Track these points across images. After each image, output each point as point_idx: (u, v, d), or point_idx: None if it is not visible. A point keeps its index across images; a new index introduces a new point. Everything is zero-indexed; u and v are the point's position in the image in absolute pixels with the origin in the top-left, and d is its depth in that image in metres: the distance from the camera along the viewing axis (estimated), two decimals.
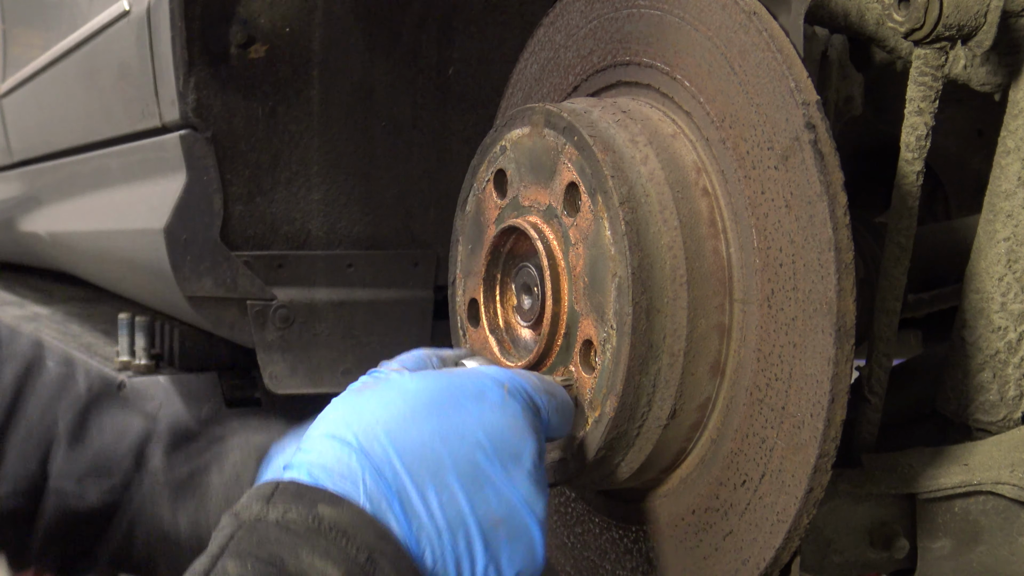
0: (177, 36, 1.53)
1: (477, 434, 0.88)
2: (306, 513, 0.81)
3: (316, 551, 0.79)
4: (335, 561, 0.79)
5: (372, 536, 0.81)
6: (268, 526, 0.81)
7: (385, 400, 0.88)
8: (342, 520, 0.81)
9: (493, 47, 1.69)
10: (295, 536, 0.80)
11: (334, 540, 0.80)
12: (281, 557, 0.79)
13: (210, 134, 1.59)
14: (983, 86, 1.15)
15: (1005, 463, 1.11)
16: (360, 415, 0.88)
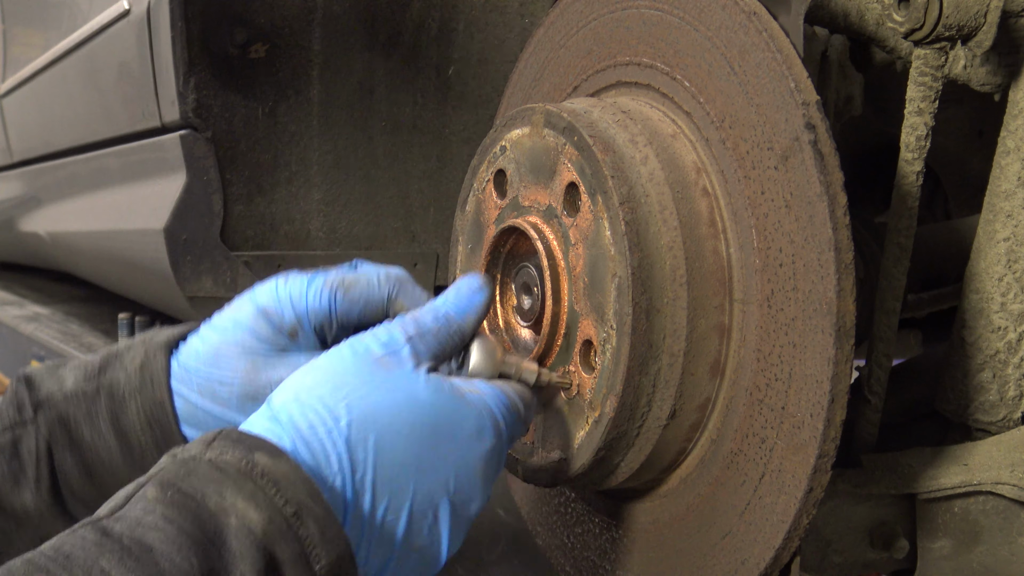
0: (177, 36, 1.53)
1: (450, 476, 0.88)
2: (240, 457, 0.80)
3: (241, 492, 0.78)
4: (259, 506, 0.78)
5: (304, 494, 0.80)
6: (199, 463, 0.80)
7: (392, 402, 0.87)
8: (277, 471, 0.80)
9: (493, 47, 1.69)
10: (223, 475, 0.79)
11: (263, 487, 0.79)
12: (204, 492, 0.78)
13: (210, 134, 1.59)
14: (983, 86, 1.15)
15: (1005, 463, 1.11)
16: (363, 402, 0.87)
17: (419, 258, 1.77)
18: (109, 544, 0.73)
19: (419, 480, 0.87)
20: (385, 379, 0.89)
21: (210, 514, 0.76)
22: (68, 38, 2.19)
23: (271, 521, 0.77)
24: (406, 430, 0.87)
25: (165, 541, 0.74)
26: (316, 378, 0.88)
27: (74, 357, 1.11)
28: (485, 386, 0.94)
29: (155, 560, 0.72)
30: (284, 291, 1.01)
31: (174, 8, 1.52)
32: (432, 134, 1.71)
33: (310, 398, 0.86)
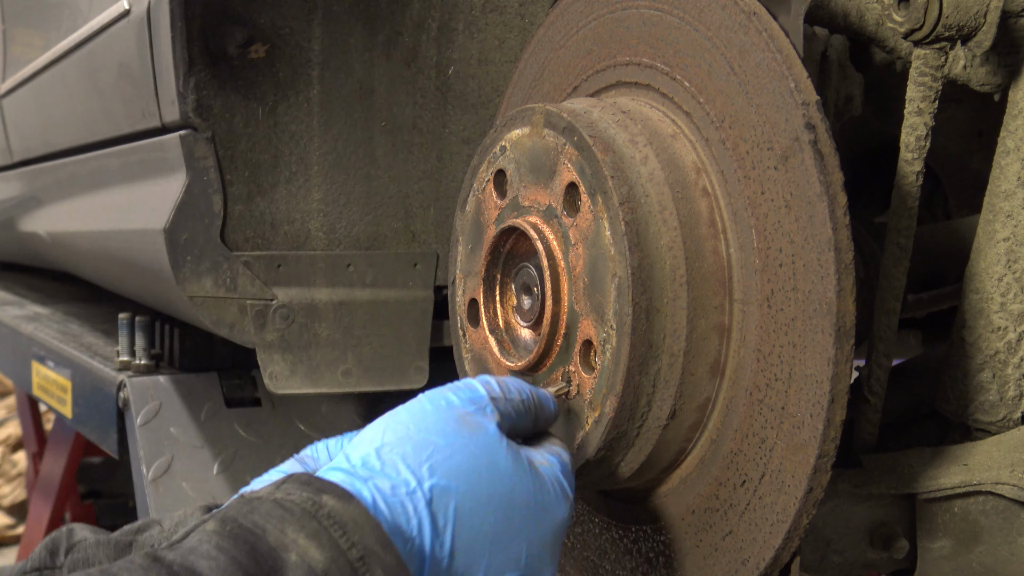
0: (177, 36, 1.53)
1: (522, 550, 0.87)
2: (307, 497, 0.77)
3: (304, 530, 0.75)
4: (321, 545, 0.74)
5: (373, 540, 0.77)
6: (264, 502, 0.77)
7: (474, 468, 0.85)
8: (344, 514, 0.77)
9: (493, 47, 1.68)
10: (287, 512, 0.76)
11: (328, 527, 0.76)
12: (264, 527, 0.75)
13: (210, 134, 1.59)
14: (983, 86, 1.15)
15: (1005, 463, 1.11)
16: (445, 465, 0.84)
17: (419, 258, 1.76)
18: (156, 568, 0.70)
19: (493, 552, 0.85)
20: (468, 441, 0.87)
21: (269, 548, 0.74)
22: (68, 38, 2.19)
23: (334, 561, 0.74)
24: (484, 499, 0.85)
25: (215, 569, 0.71)
26: (398, 434, 0.86)
27: None
28: (552, 456, 0.92)
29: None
30: None
31: (174, 8, 1.52)
32: (432, 134, 1.71)
33: (392, 456, 0.84)
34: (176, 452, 1.89)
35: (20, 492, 5.34)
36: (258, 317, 1.67)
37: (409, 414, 0.88)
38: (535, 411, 0.95)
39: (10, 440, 5.45)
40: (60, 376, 2.43)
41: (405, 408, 0.89)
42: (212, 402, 1.94)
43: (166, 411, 1.91)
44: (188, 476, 1.89)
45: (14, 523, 5.28)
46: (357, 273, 1.73)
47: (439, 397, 0.90)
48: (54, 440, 3.84)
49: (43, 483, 3.83)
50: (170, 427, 1.91)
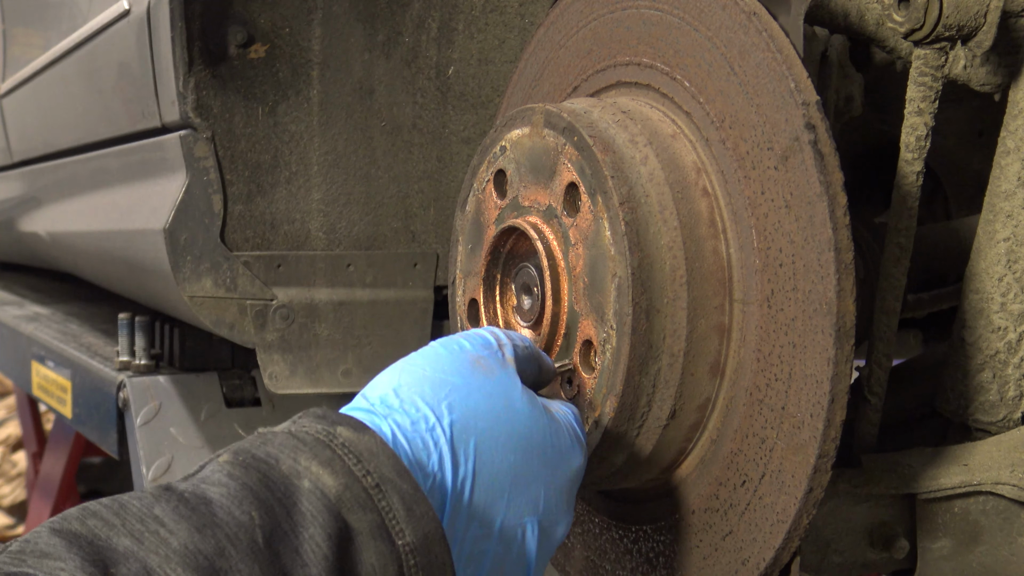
0: (177, 36, 1.53)
1: (540, 494, 0.86)
2: (321, 428, 0.76)
3: (317, 458, 0.73)
4: (335, 472, 0.73)
5: (389, 469, 0.75)
6: (278, 435, 0.76)
7: (491, 408, 0.85)
8: (359, 443, 0.76)
9: (493, 47, 1.69)
10: (300, 442, 0.75)
11: (342, 455, 0.74)
12: (277, 456, 0.73)
13: (210, 134, 1.59)
14: (983, 86, 1.15)
15: (1005, 463, 1.11)
16: (464, 403, 0.84)
17: (419, 258, 1.77)
18: (167, 496, 0.69)
19: (511, 494, 0.84)
20: (484, 382, 0.86)
21: (281, 475, 0.72)
22: (68, 38, 2.19)
23: (348, 488, 0.73)
24: (503, 439, 0.84)
25: (226, 495, 0.70)
26: (414, 375, 0.85)
27: None
28: (563, 405, 0.93)
29: (212, 511, 0.68)
30: None
31: (174, 8, 1.52)
32: (432, 134, 1.71)
33: (410, 394, 0.84)
34: (176, 452, 1.89)
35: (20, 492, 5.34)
36: (258, 317, 1.67)
37: (423, 358, 0.88)
38: (538, 361, 0.96)
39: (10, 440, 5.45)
40: (60, 376, 2.43)
41: (419, 353, 0.89)
42: (212, 402, 1.94)
43: (166, 411, 1.91)
44: None
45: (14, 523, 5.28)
46: (357, 273, 1.73)
47: (451, 342, 0.90)
48: (54, 440, 3.84)
49: (43, 483, 3.83)
50: (170, 427, 1.91)
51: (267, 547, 0.68)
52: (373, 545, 0.72)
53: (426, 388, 0.84)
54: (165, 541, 0.66)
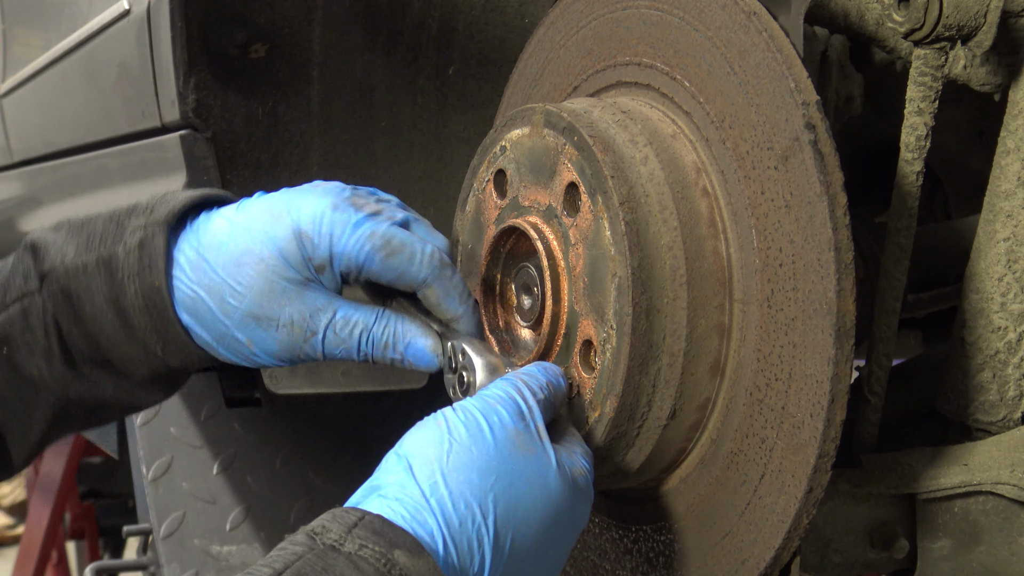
0: (177, 36, 1.53)
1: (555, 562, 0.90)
2: (381, 554, 0.78)
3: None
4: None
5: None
6: (339, 557, 0.78)
7: (530, 496, 0.87)
8: (413, 572, 0.79)
9: (493, 47, 1.68)
10: (360, 574, 0.77)
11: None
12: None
13: (210, 134, 1.59)
14: (983, 86, 1.15)
15: (1005, 463, 1.11)
16: (507, 494, 0.86)
17: None
18: None
19: (531, 567, 0.88)
20: (524, 467, 0.88)
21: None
22: (68, 38, 2.19)
23: None
24: (536, 525, 0.87)
25: None
26: (462, 458, 0.86)
27: (79, 215, 1.07)
28: (583, 459, 0.94)
29: None
30: (327, 226, 0.97)
31: (174, 8, 1.52)
32: (432, 134, 1.71)
33: (458, 483, 0.85)
34: (176, 452, 1.89)
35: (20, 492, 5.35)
36: None
37: (469, 433, 0.88)
38: (554, 397, 0.96)
39: None
40: None
41: (462, 423, 0.88)
42: (212, 402, 1.94)
43: (166, 411, 1.91)
44: (188, 476, 1.90)
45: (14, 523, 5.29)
46: None
47: (492, 413, 0.89)
48: None
49: (43, 483, 3.83)
50: (170, 427, 1.91)
51: None
52: None
53: (474, 475, 0.86)
54: None
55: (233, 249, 0.98)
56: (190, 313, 1.00)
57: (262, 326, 0.99)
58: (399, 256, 0.98)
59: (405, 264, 0.99)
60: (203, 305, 1.00)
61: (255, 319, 0.99)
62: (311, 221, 0.98)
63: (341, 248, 0.97)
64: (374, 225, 0.98)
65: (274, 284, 0.98)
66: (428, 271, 0.99)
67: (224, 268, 0.99)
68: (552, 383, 0.96)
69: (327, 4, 1.59)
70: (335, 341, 1.00)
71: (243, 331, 0.99)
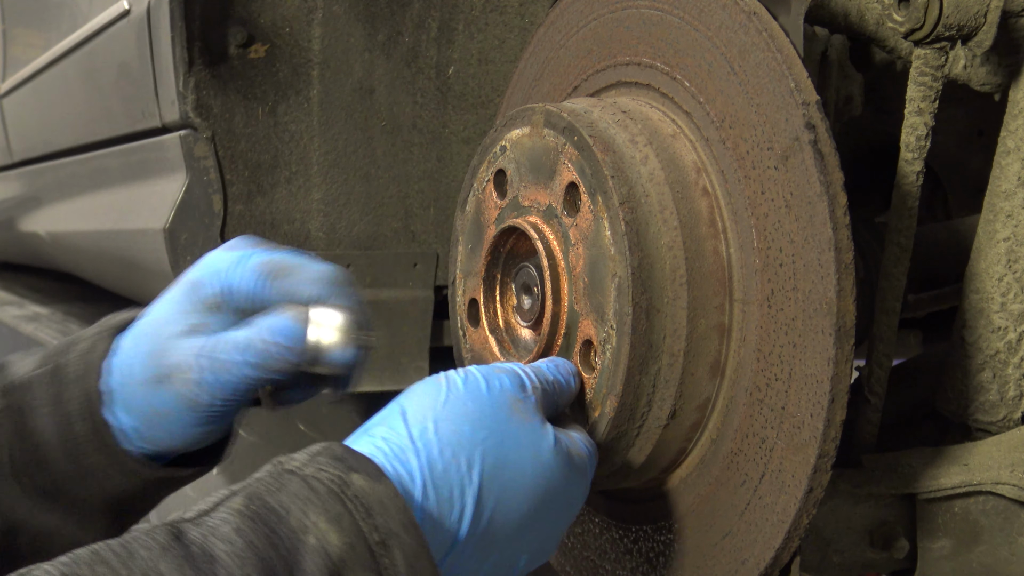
0: (177, 36, 1.53)
1: (543, 539, 0.89)
2: (337, 477, 0.77)
3: (327, 513, 0.75)
4: (342, 529, 0.74)
5: (397, 523, 0.76)
6: (294, 478, 0.77)
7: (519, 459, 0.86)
8: (372, 495, 0.77)
9: (493, 47, 1.69)
10: (313, 492, 0.76)
11: (352, 509, 0.76)
12: (289, 508, 0.75)
13: (210, 134, 1.59)
14: (983, 86, 1.15)
15: (1005, 463, 1.11)
16: (496, 452, 0.85)
17: (419, 258, 1.77)
18: (176, 549, 0.71)
19: (516, 539, 0.86)
20: (518, 430, 0.87)
21: (289, 530, 0.74)
22: (68, 38, 2.19)
23: (352, 547, 0.74)
24: (524, 492, 0.86)
25: (231, 554, 0.71)
26: (456, 409, 0.86)
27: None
28: (584, 445, 0.93)
29: (214, 571, 0.70)
30: (212, 263, 0.96)
31: (174, 8, 1.52)
32: (432, 134, 1.71)
33: (449, 431, 0.84)
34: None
35: None
36: None
37: (467, 389, 0.87)
38: (559, 393, 0.96)
39: None
40: None
41: (462, 378, 0.88)
42: None
43: None
44: None
45: None
46: (357, 273, 1.73)
47: (494, 378, 0.89)
48: None
49: None
50: None
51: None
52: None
53: (465, 427, 0.85)
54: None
55: (144, 326, 0.97)
56: (126, 408, 0.97)
57: (158, 386, 0.95)
58: (287, 278, 0.95)
59: (293, 284, 0.95)
60: (124, 389, 0.97)
61: (153, 382, 0.95)
62: (205, 267, 0.97)
63: (229, 282, 0.95)
64: (260, 255, 0.96)
65: (163, 340, 0.96)
66: (318, 289, 0.95)
67: (133, 344, 0.97)
68: (559, 381, 0.96)
69: (327, 4, 1.59)
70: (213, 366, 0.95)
71: (149, 400, 0.96)
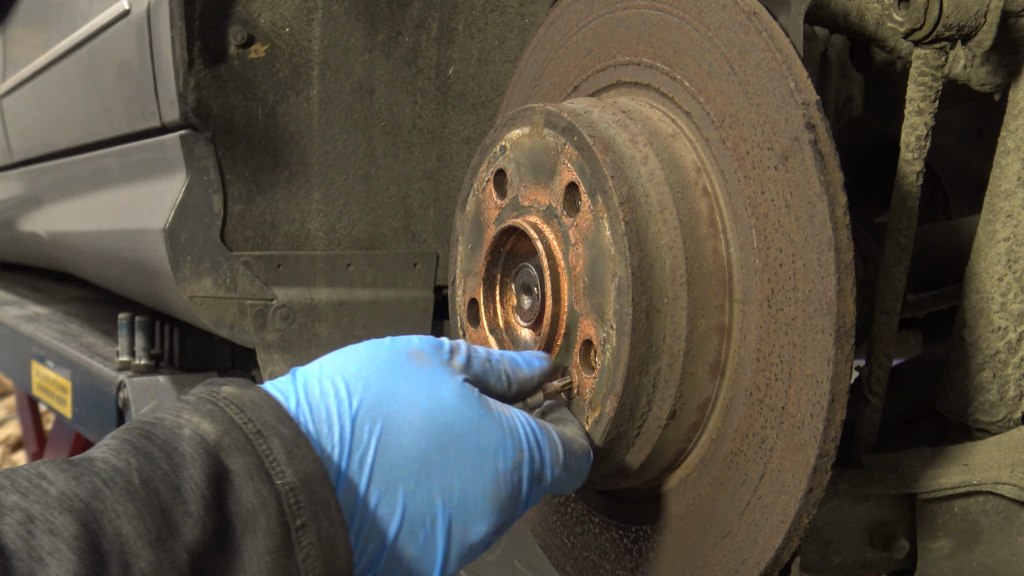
0: (177, 36, 1.53)
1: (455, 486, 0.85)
2: (207, 389, 0.80)
3: (199, 411, 0.77)
4: (215, 420, 0.76)
5: (271, 416, 0.78)
6: (168, 400, 0.80)
7: (412, 394, 0.85)
8: (242, 397, 0.79)
9: (493, 47, 1.69)
10: (184, 402, 0.79)
11: (224, 407, 0.78)
12: (162, 416, 0.77)
13: (210, 134, 1.59)
14: (983, 86, 1.15)
15: (1005, 463, 1.11)
16: (382, 385, 0.84)
17: (419, 258, 1.77)
18: (56, 460, 0.74)
19: (420, 479, 0.83)
20: (413, 371, 0.86)
21: (164, 429, 0.76)
22: (68, 38, 2.19)
23: (227, 433, 0.76)
24: (418, 423, 0.84)
25: (107, 450, 0.74)
26: (347, 356, 0.86)
27: None
28: (522, 415, 0.91)
29: (92, 464, 0.73)
30: None
31: (174, 8, 1.52)
32: (432, 134, 1.71)
33: (331, 370, 0.85)
34: None
35: None
36: (258, 317, 1.68)
37: (366, 344, 0.89)
38: (507, 372, 0.95)
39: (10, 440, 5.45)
40: (60, 376, 2.43)
41: (368, 342, 0.89)
42: None
43: None
44: None
45: None
46: (357, 273, 1.73)
47: (401, 338, 0.90)
48: (54, 440, 3.83)
49: None
50: None
51: (144, 487, 0.72)
52: (251, 485, 0.75)
53: (351, 366, 0.85)
54: (46, 491, 0.70)
55: None
56: None
57: None
58: None
59: None
60: None
61: None
62: None
63: None
64: None
65: None
66: None
67: None
68: (512, 359, 0.95)
69: (327, 4, 1.59)
70: None
71: None
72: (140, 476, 0.72)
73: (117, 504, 0.71)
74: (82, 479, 0.71)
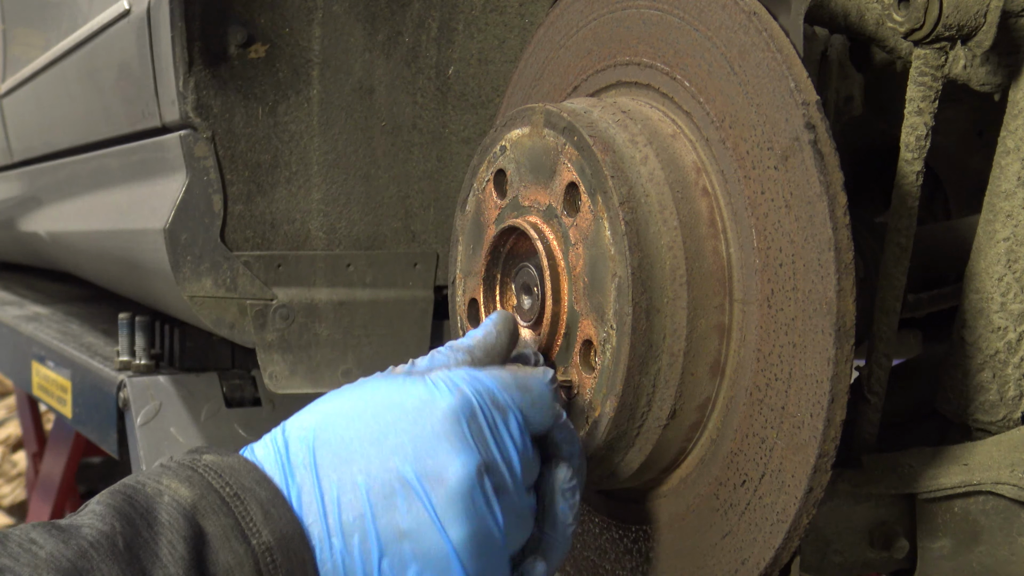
0: (177, 36, 1.53)
1: (404, 441, 0.84)
2: (189, 457, 0.84)
3: (178, 477, 0.81)
4: (192, 485, 0.80)
5: (249, 480, 0.81)
6: (152, 469, 0.83)
7: (339, 399, 0.89)
8: (221, 464, 0.83)
9: (493, 47, 1.69)
10: (166, 469, 0.82)
11: (202, 472, 0.81)
12: (144, 482, 0.81)
13: (210, 134, 1.59)
14: (983, 86, 1.15)
15: (1005, 463, 1.11)
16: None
17: (419, 258, 1.77)
18: (45, 524, 0.77)
19: (369, 451, 0.84)
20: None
21: (146, 496, 0.80)
22: (68, 38, 2.19)
23: (203, 497, 0.80)
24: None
25: (94, 516, 0.78)
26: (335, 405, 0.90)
27: None
28: (465, 368, 0.91)
29: (79, 528, 0.76)
30: None
31: (174, 8, 1.52)
32: (432, 134, 1.71)
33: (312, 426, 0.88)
34: (176, 452, 1.89)
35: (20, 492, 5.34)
36: (258, 317, 1.68)
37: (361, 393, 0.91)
38: (466, 346, 0.96)
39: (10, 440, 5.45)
40: (60, 376, 2.43)
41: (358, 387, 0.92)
42: (212, 402, 1.94)
43: (166, 411, 1.91)
44: None
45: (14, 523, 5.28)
46: (357, 273, 1.73)
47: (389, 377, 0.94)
48: (54, 440, 3.84)
49: (43, 483, 3.83)
50: (170, 427, 1.91)
51: (127, 550, 0.76)
52: (228, 545, 0.79)
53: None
54: (35, 554, 0.74)
55: None
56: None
57: None
58: None
59: None
60: None
61: None
62: None
63: None
64: None
65: None
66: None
67: None
68: (474, 332, 0.98)
69: (327, 4, 1.59)
70: None
71: None
72: (124, 540, 0.77)
73: (103, 564, 0.75)
74: (69, 542, 0.75)
